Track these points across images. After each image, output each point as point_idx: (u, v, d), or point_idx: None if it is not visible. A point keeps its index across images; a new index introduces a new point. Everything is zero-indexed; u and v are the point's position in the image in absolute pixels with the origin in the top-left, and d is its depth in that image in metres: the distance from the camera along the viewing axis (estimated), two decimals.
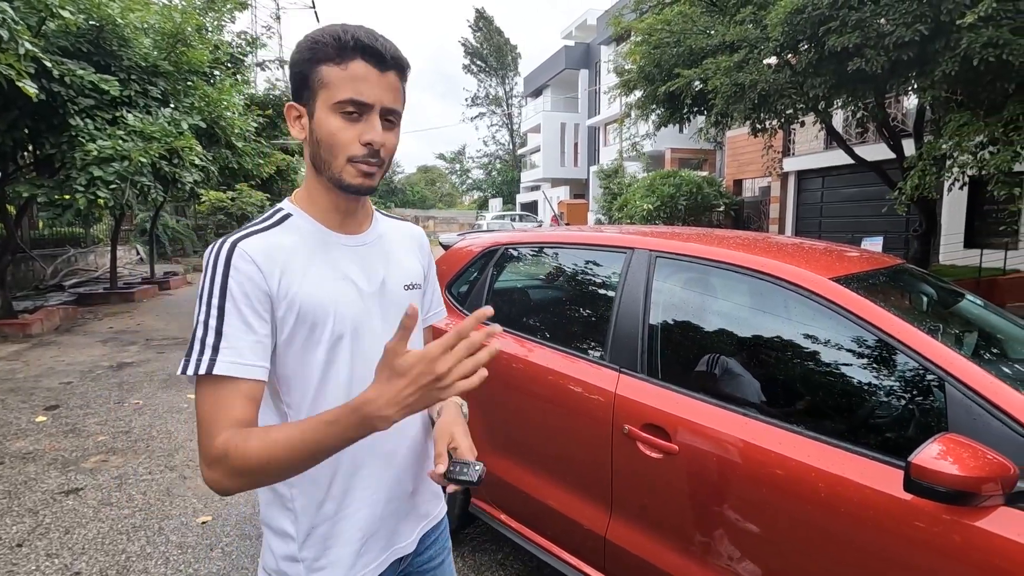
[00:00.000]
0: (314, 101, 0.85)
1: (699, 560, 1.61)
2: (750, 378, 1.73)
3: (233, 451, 0.74)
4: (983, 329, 1.84)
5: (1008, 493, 1.14)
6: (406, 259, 1.01)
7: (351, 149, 0.84)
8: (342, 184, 0.86)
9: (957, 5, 6.08)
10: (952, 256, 10.69)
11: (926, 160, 7.00)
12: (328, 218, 0.91)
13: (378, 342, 0.86)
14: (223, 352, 0.78)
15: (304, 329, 0.85)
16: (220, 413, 0.77)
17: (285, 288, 0.83)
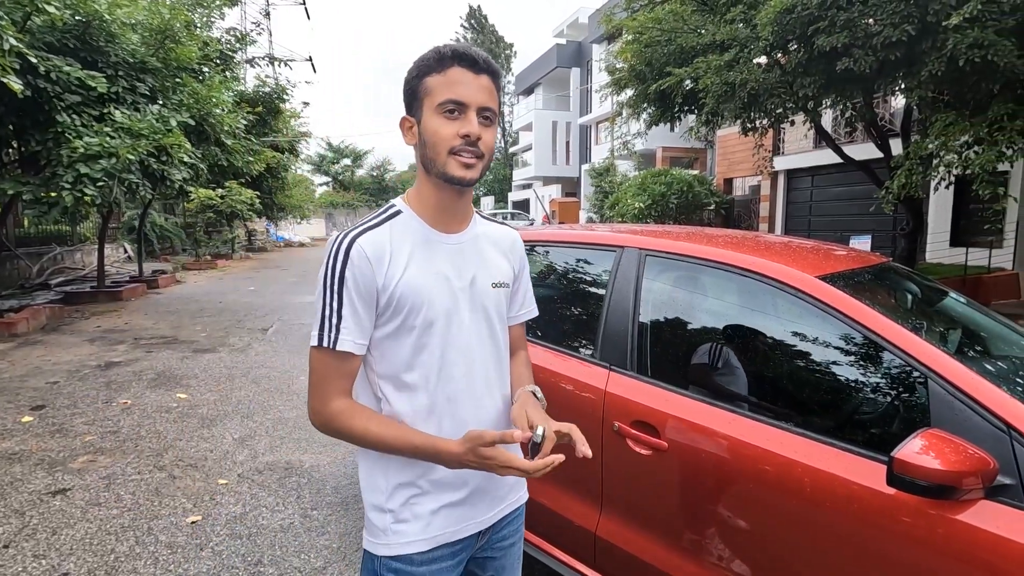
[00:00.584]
0: (421, 109, 0.99)
1: (688, 555, 1.63)
2: (739, 375, 1.75)
3: (338, 420, 0.97)
4: (966, 326, 1.87)
5: (988, 487, 1.16)
6: (497, 259, 1.12)
7: (451, 142, 0.96)
8: (447, 176, 0.98)
9: (943, 6, 6.15)
10: (938, 254, 10.83)
11: (913, 159, 7.08)
12: (433, 216, 1.04)
13: (464, 331, 1.04)
14: (343, 332, 0.96)
15: (402, 313, 0.99)
16: (334, 382, 0.98)
17: (390, 278, 0.98)
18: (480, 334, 1.06)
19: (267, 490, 3.09)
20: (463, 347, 1.04)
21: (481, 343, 1.07)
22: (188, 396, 4.66)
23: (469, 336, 1.04)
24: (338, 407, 0.97)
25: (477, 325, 1.06)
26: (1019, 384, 1.54)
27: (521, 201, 33.79)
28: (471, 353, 1.05)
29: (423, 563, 1.03)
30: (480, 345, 1.07)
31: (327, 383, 0.97)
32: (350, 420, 0.96)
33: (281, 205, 20.70)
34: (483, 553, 1.14)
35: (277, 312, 8.64)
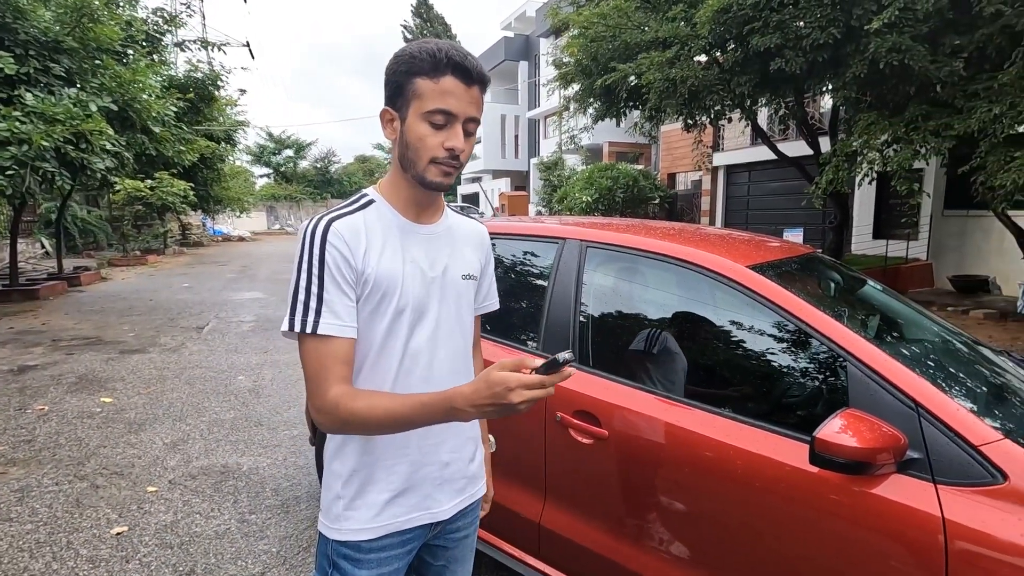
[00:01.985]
0: (407, 108, 0.97)
1: (630, 540, 1.66)
2: (676, 362, 1.80)
3: (343, 406, 0.92)
4: (882, 313, 2.00)
5: (899, 461, 1.24)
6: (467, 252, 1.13)
7: (435, 152, 0.97)
8: (424, 181, 0.99)
9: (865, 11, 6.52)
10: (863, 246, 11.54)
11: (839, 157, 7.50)
12: (407, 209, 1.04)
13: (433, 321, 1.04)
14: (324, 315, 0.94)
15: (375, 299, 0.98)
16: (328, 370, 0.94)
17: (365, 263, 0.97)
18: (449, 325, 1.07)
19: (201, 496, 2.95)
20: (431, 336, 1.04)
21: (450, 334, 1.07)
22: (114, 400, 4.37)
23: (438, 326, 1.05)
24: (336, 392, 0.93)
25: (446, 316, 1.07)
26: (927, 365, 1.65)
27: (471, 194, 33.64)
28: (438, 343, 1.06)
29: (371, 551, 1.05)
30: (448, 335, 1.07)
31: (321, 374, 0.94)
32: (352, 402, 0.92)
33: (218, 198, 19.72)
34: (435, 542, 1.15)
35: (214, 309, 8.24)
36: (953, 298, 8.95)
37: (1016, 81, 5.76)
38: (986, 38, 6.19)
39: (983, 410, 1.42)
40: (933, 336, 1.89)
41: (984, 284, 9.27)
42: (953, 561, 1.16)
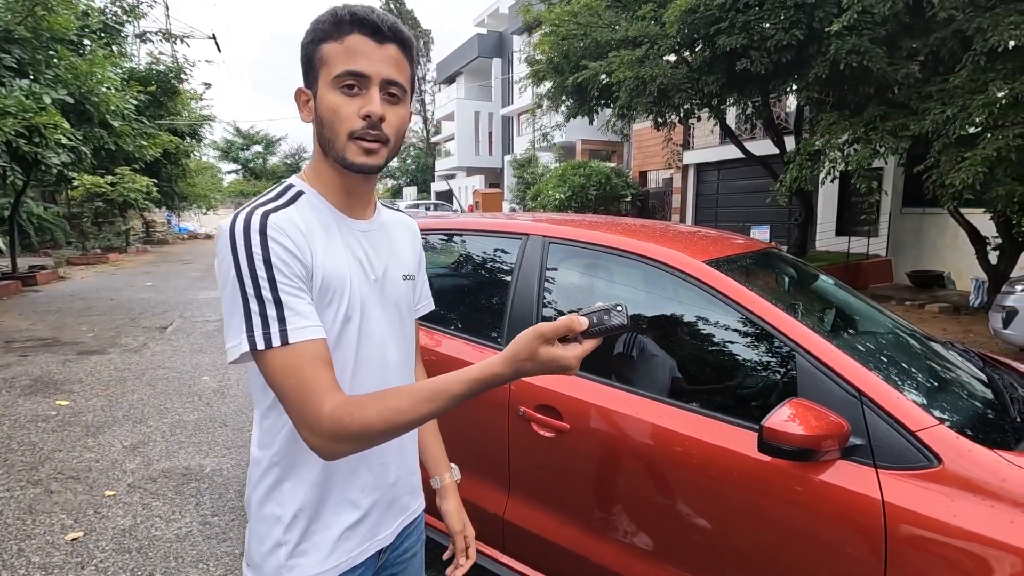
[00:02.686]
0: (317, 81, 0.86)
1: (592, 532, 1.68)
2: (635, 357, 1.83)
3: (349, 420, 0.75)
4: (831, 305, 2.06)
5: (843, 448, 1.29)
6: (404, 250, 1.03)
7: (350, 123, 0.84)
8: (346, 162, 0.86)
9: (827, 14, 6.70)
10: (826, 243, 11.88)
11: (803, 156, 7.70)
12: (339, 199, 0.92)
13: (378, 327, 0.94)
14: (291, 319, 0.78)
15: (322, 304, 0.85)
16: (314, 380, 0.77)
17: (311, 262, 0.84)
18: (392, 330, 0.97)
19: (161, 499, 2.88)
20: (378, 344, 0.94)
21: (394, 340, 0.98)
22: (70, 403, 4.23)
23: (383, 332, 0.95)
24: (334, 405, 0.76)
25: (390, 321, 0.96)
26: (872, 356, 1.72)
27: (445, 192, 33.45)
28: (385, 351, 0.95)
29: None
30: (393, 342, 0.97)
31: (307, 388, 0.76)
32: (361, 411, 0.76)
33: (183, 194, 19.21)
34: (385, 571, 1.04)
35: (178, 309, 8.03)
36: (910, 293, 9.29)
37: (966, 84, 6.00)
38: (939, 42, 6.43)
39: (922, 398, 1.49)
40: (880, 328, 1.97)
41: (940, 279, 9.64)
42: (892, 541, 1.21)
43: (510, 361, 0.76)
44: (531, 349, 0.74)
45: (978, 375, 1.82)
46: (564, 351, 0.75)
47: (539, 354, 0.74)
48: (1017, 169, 5.83)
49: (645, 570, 1.57)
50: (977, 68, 5.94)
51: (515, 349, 0.75)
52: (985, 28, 5.69)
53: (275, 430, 0.89)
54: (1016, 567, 1.09)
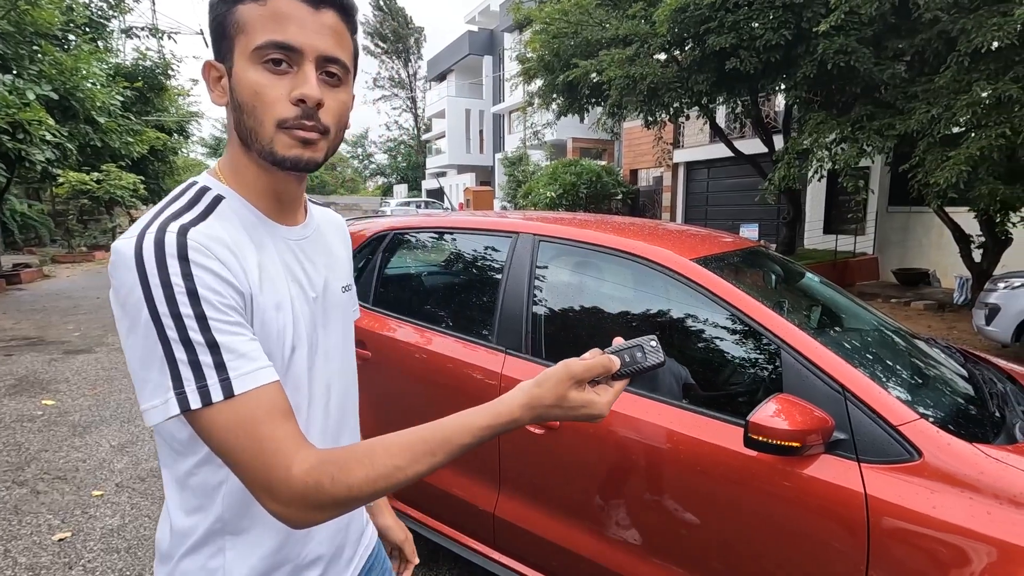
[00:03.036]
0: (232, 54, 0.67)
1: (581, 526, 1.70)
2: None
3: (331, 484, 0.60)
4: (817, 302, 2.10)
5: (827, 442, 1.32)
6: (340, 256, 0.87)
7: (279, 110, 0.66)
8: (275, 157, 0.68)
9: (815, 14, 6.77)
10: (814, 241, 12.00)
11: (791, 154, 7.77)
12: (267, 203, 0.74)
13: (324, 357, 0.78)
14: (233, 365, 0.61)
15: (265, 338, 0.68)
16: (276, 439, 0.61)
17: (247, 286, 0.67)
18: (342, 356, 0.84)
19: (150, 498, 2.86)
20: (328, 374, 0.80)
21: (343, 368, 0.84)
22: (57, 402, 4.18)
23: (332, 361, 0.81)
24: (307, 464, 0.61)
25: (336, 345, 0.82)
26: (856, 352, 1.75)
27: (435, 189, 33.38)
28: (332, 382, 0.81)
29: None
30: (342, 370, 0.83)
31: (268, 448, 0.60)
32: (346, 473, 0.61)
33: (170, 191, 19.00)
34: None
35: None
36: (896, 290, 9.41)
37: (951, 84, 6.09)
38: (925, 42, 6.51)
39: (904, 393, 1.52)
40: (864, 325, 2.00)
41: (925, 277, 9.77)
42: (874, 533, 1.24)
43: (532, 406, 0.65)
44: (559, 394, 0.65)
45: (959, 371, 1.86)
46: (596, 396, 0.66)
47: (569, 399, 0.65)
48: (999, 168, 5.93)
49: (634, 564, 1.59)
50: (961, 68, 6.03)
51: (540, 392, 0.65)
52: (969, 29, 5.78)
53: (212, 488, 0.70)
54: (993, 557, 1.12)
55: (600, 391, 0.68)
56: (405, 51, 41.96)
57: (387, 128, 54.36)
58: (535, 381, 0.66)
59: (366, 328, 2.22)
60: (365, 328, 2.22)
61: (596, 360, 0.67)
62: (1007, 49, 5.70)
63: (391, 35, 40.86)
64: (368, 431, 0.89)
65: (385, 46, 41.50)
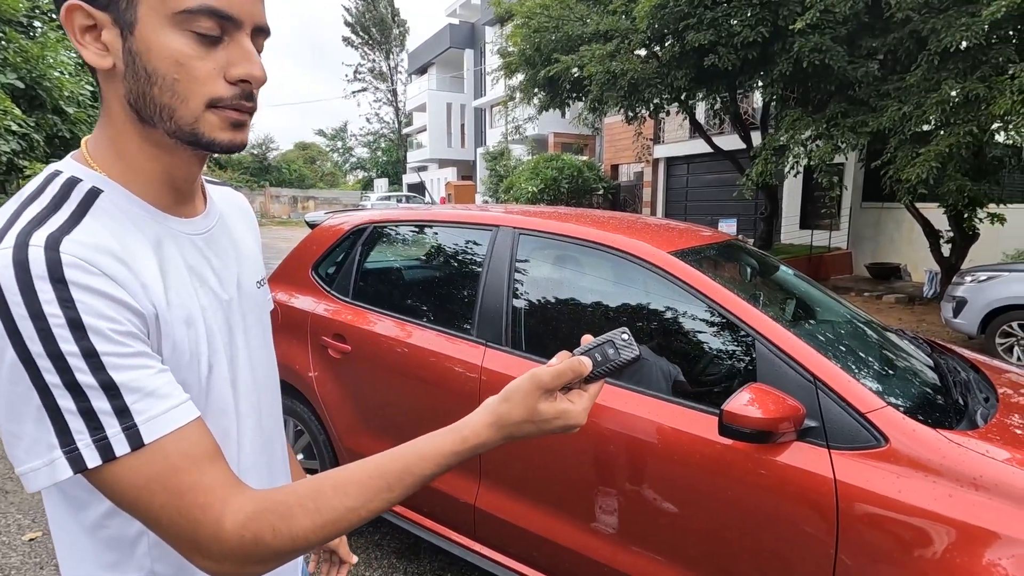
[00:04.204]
0: (135, 7, 0.53)
1: (559, 516, 1.72)
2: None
3: (272, 536, 0.52)
4: (790, 294, 2.14)
5: (799, 430, 1.35)
6: (249, 245, 0.76)
7: (212, 88, 0.56)
8: (200, 140, 0.57)
9: (791, 12, 6.87)
10: (791, 236, 12.22)
11: (768, 150, 7.89)
12: (157, 194, 0.61)
13: (247, 366, 0.68)
14: (139, 408, 0.50)
15: (175, 366, 0.57)
16: (200, 489, 0.51)
17: (152, 306, 0.55)
18: (264, 362, 0.74)
19: None
20: (256, 388, 0.70)
21: (267, 375, 0.74)
22: None
23: (257, 369, 0.71)
24: (244, 512, 0.52)
25: (259, 349, 0.72)
26: (827, 342, 1.79)
27: (416, 184, 33.14)
28: (263, 393, 0.72)
29: None
30: (266, 378, 0.74)
31: (190, 499, 0.51)
32: (289, 522, 0.53)
33: None
34: None
35: None
36: (869, 284, 9.64)
37: (921, 83, 6.24)
38: (897, 41, 6.66)
39: (873, 382, 1.56)
40: (836, 316, 2.05)
41: (896, 271, 10.03)
42: (843, 517, 1.28)
43: (501, 425, 0.59)
44: (528, 407, 0.58)
45: (926, 361, 1.92)
46: (570, 405, 0.59)
47: (540, 412, 0.58)
48: (966, 165, 6.11)
49: (613, 552, 1.62)
50: (931, 68, 6.18)
51: (507, 408, 0.58)
52: (939, 29, 5.93)
53: (129, 541, 0.59)
54: (953, 537, 1.17)
55: (574, 397, 0.60)
56: (387, 43, 41.50)
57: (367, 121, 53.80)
58: (501, 396, 0.59)
59: (346, 322, 2.21)
60: (345, 322, 2.21)
61: (565, 364, 0.59)
62: (975, 49, 5.86)
63: (374, 26, 40.35)
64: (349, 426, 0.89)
65: (366, 37, 40.98)
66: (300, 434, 2.40)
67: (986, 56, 5.86)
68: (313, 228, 2.60)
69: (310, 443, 2.35)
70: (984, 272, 5.48)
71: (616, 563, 1.61)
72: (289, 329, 2.34)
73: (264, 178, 37.76)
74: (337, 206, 31.62)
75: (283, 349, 2.34)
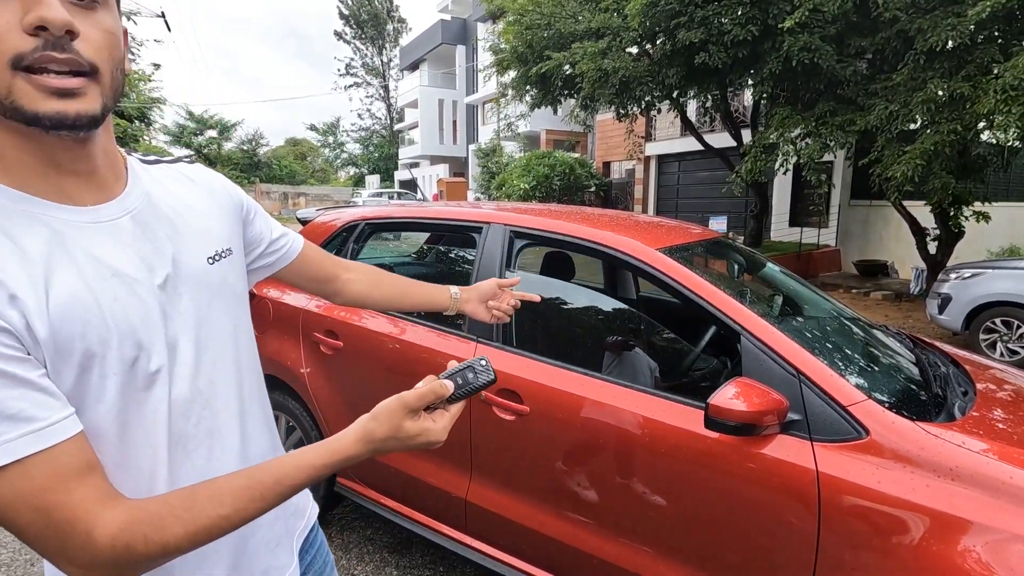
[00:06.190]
0: None
1: (552, 510, 1.75)
2: (593, 340, 1.90)
3: (143, 544, 0.53)
4: (776, 290, 2.18)
5: (783, 423, 1.39)
6: (199, 218, 0.71)
7: (16, 44, 0.50)
8: (24, 114, 0.51)
9: (780, 11, 6.91)
10: (780, 233, 12.32)
11: (758, 148, 7.95)
12: (42, 184, 0.56)
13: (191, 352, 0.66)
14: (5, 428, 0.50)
15: (70, 369, 0.55)
16: (69, 505, 0.52)
17: (21, 317, 0.52)
18: (218, 347, 0.70)
19: None
20: (196, 378, 0.67)
21: (222, 361, 0.71)
22: None
23: (201, 359, 0.67)
24: (116, 523, 0.53)
25: (209, 334, 0.69)
26: (810, 337, 1.83)
27: (408, 180, 33.04)
28: (212, 382, 0.69)
29: None
30: (221, 365, 0.70)
31: (58, 516, 0.51)
32: (160, 531, 0.54)
33: None
34: None
35: None
36: (857, 281, 9.75)
37: (908, 82, 6.32)
38: (884, 41, 6.73)
39: (855, 376, 1.60)
40: (820, 312, 2.09)
41: (884, 268, 10.15)
42: (825, 507, 1.32)
43: (368, 440, 0.64)
44: (393, 425, 0.64)
45: (907, 356, 1.96)
46: (432, 423, 0.67)
47: (404, 429, 0.64)
48: (951, 163, 6.19)
49: (603, 544, 1.65)
50: (918, 67, 6.26)
51: (374, 426, 0.64)
52: (926, 29, 6.00)
53: None
54: (930, 526, 1.21)
55: (436, 416, 0.68)
56: (380, 38, 41.23)
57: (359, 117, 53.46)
58: (371, 415, 0.65)
59: (338, 318, 2.22)
60: (337, 319, 2.22)
61: (428, 388, 0.66)
62: (960, 49, 5.94)
63: (368, 19, 40.05)
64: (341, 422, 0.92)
65: (359, 32, 40.69)
66: (292, 430, 2.41)
67: (971, 56, 5.94)
68: (305, 225, 2.60)
69: (301, 438, 2.37)
70: (969, 269, 5.57)
71: (606, 555, 1.64)
72: (281, 325, 2.35)
73: (254, 174, 37.47)
74: (328, 202, 31.46)
75: (275, 345, 2.35)
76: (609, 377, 1.69)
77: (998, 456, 1.26)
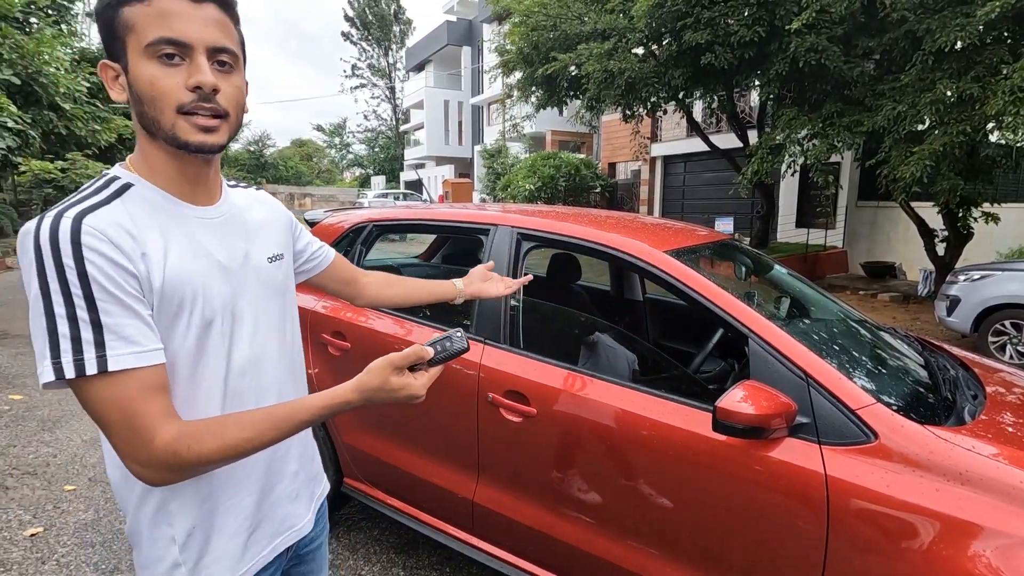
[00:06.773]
0: (126, 52, 0.74)
1: (558, 511, 1.75)
2: (599, 342, 1.90)
3: (186, 452, 0.71)
4: (784, 292, 2.17)
5: (791, 426, 1.38)
6: (265, 229, 0.94)
7: (176, 96, 0.74)
8: (179, 142, 0.76)
9: (787, 12, 6.89)
10: (787, 235, 12.27)
11: (764, 149, 7.92)
12: (176, 188, 0.81)
13: (252, 324, 0.86)
14: (111, 345, 0.69)
15: (169, 313, 0.76)
16: (143, 413, 0.70)
17: (148, 267, 0.73)
18: (269, 322, 0.90)
19: None
20: (251, 346, 0.86)
21: (274, 333, 0.91)
22: (24, 397, 4.08)
23: (257, 328, 0.88)
24: (169, 437, 0.71)
25: (264, 313, 0.89)
26: (819, 340, 1.82)
27: (414, 181, 33.09)
28: (262, 353, 0.88)
29: None
30: (275, 336, 0.91)
31: (135, 421, 0.70)
32: (199, 444, 0.72)
33: None
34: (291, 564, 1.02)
35: None
36: (864, 282, 9.70)
37: (915, 82, 6.28)
38: (892, 42, 6.69)
39: (863, 379, 1.60)
40: (828, 314, 2.08)
41: (891, 270, 10.09)
42: (833, 511, 1.31)
43: (361, 389, 0.79)
44: (382, 378, 0.79)
45: (916, 358, 1.95)
46: (413, 379, 0.81)
47: (390, 383, 0.79)
48: (960, 165, 6.15)
49: (609, 546, 1.65)
50: (926, 67, 6.22)
51: (367, 378, 0.79)
52: (934, 29, 5.96)
53: None
54: (939, 530, 1.20)
55: (418, 375, 0.82)
56: (387, 39, 41.32)
57: (365, 118, 53.58)
58: (365, 370, 0.80)
59: (345, 319, 2.23)
60: (344, 319, 2.23)
61: (411, 349, 0.81)
62: (969, 49, 5.90)
63: (374, 21, 40.14)
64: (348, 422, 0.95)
65: (365, 33, 40.79)
66: None
67: (980, 56, 5.90)
68: (312, 226, 2.61)
69: None
70: (977, 271, 5.53)
71: (612, 556, 1.64)
72: None
73: (261, 175, 37.62)
74: (334, 203, 31.54)
75: None
76: (609, 377, 1.69)
77: (1008, 460, 1.26)
